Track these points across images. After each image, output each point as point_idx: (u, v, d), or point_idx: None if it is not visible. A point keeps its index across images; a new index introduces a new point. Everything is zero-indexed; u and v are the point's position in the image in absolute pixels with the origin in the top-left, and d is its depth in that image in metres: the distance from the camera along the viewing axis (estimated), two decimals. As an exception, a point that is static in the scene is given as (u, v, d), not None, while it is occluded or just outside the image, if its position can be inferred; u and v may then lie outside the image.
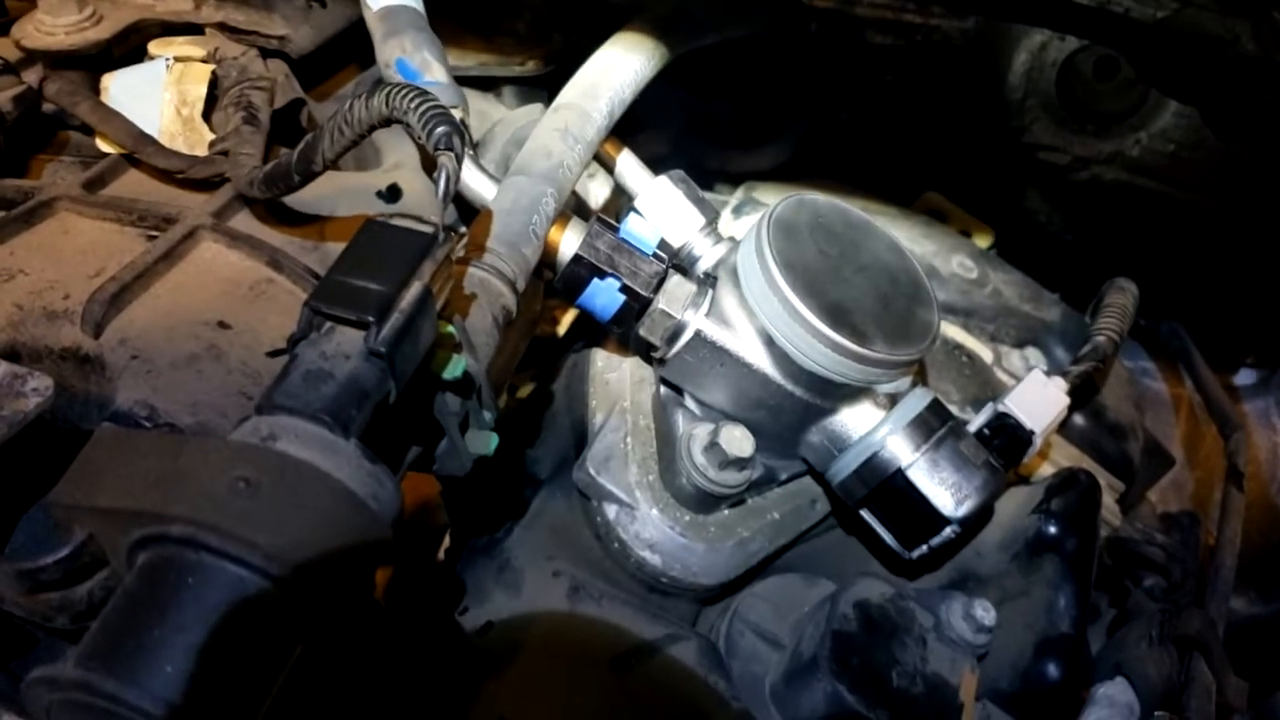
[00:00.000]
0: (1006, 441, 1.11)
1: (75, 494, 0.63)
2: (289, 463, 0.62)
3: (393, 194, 1.19)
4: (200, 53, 1.20)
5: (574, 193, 1.19)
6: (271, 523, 0.58)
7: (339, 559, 0.60)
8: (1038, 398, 1.14)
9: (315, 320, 0.69)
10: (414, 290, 0.70)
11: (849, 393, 1.02)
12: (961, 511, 0.98)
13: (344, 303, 0.68)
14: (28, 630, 0.78)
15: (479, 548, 1.08)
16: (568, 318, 1.52)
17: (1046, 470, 1.25)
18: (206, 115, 1.18)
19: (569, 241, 1.02)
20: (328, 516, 0.61)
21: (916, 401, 1.02)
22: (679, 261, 1.12)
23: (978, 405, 1.24)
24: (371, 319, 0.67)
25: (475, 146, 1.24)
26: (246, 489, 0.59)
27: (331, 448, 0.64)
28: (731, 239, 1.13)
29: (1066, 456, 1.31)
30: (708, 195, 1.21)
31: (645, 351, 1.13)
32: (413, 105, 0.82)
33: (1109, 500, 1.33)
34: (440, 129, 0.79)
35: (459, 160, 0.79)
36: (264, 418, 0.65)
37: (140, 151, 1.11)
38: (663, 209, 1.12)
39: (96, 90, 1.17)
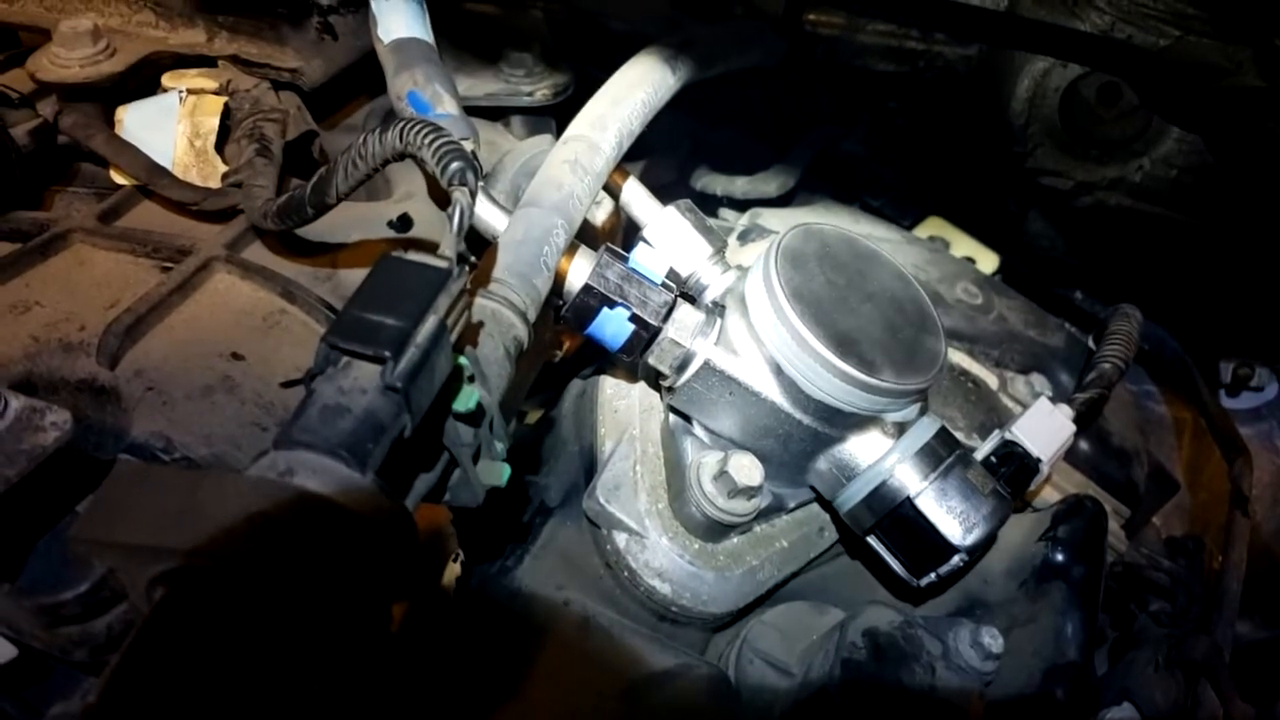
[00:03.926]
0: (1014, 469, 1.12)
1: (95, 529, 0.63)
2: (307, 498, 0.62)
3: (403, 224, 1.20)
4: (213, 85, 1.21)
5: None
6: (290, 559, 0.59)
7: (357, 595, 0.61)
8: (1044, 426, 1.15)
9: (332, 355, 0.70)
10: (429, 325, 0.71)
11: (857, 421, 1.02)
12: (970, 540, 0.99)
13: (360, 338, 0.69)
14: (46, 661, 0.78)
15: (489, 576, 1.08)
16: (575, 344, 1.53)
17: (1052, 496, 1.26)
18: (219, 147, 1.19)
19: (578, 271, 1.03)
20: (345, 553, 0.61)
21: (924, 430, 1.03)
22: (687, 290, 1.13)
23: (983, 431, 1.25)
24: (388, 354, 0.67)
25: (485, 177, 1.25)
26: (265, 525, 0.60)
27: (348, 483, 0.64)
28: (739, 268, 1.14)
29: (1072, 482, 1.32)
30: (713, 221, 1.22)
31: (654, 380, 1.14)
32: (427, 141, 0.83)
33: (1114, 525, 1.34)
34: (455, 165, 0.80)
35: (473, 195, 0.80)
36: (281, 453, 0.66)
37: (154, 183, 1.12)
38: (671, 238, 1.13)
39: (111, 122, 1.18)
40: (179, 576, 0.60)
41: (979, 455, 1.13)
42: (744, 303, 1.03)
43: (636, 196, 1.22)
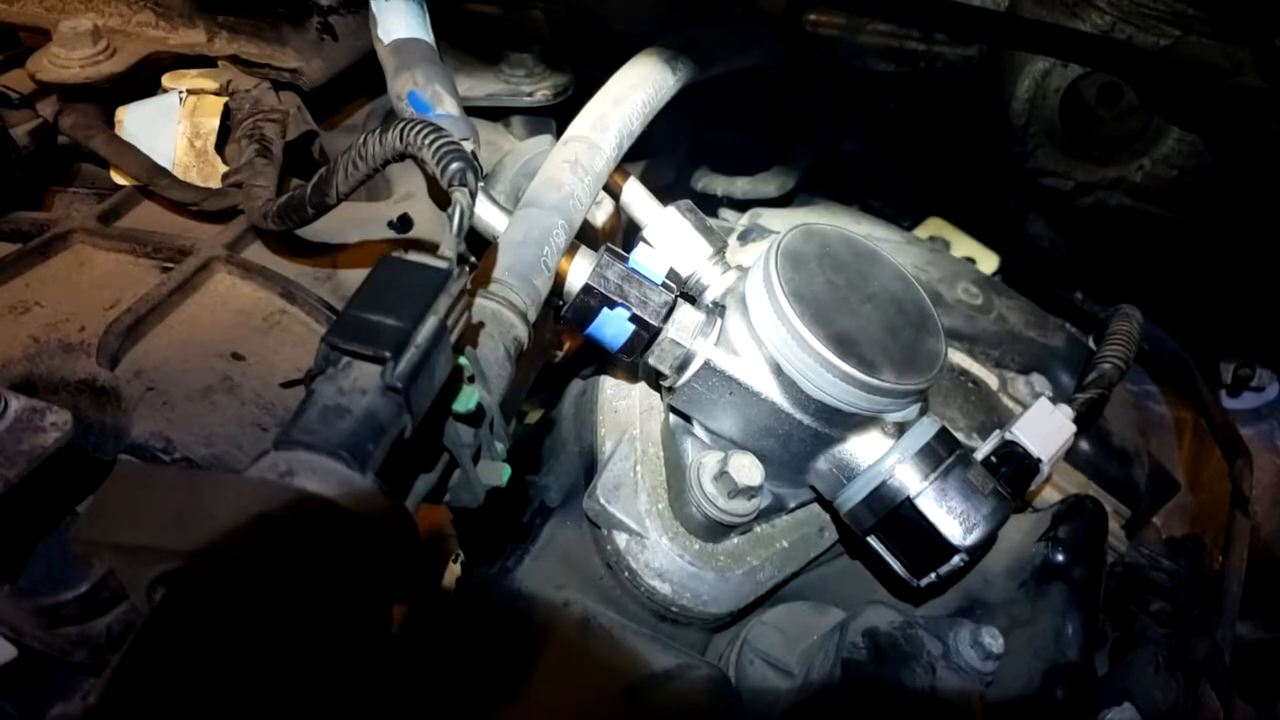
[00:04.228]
0: (1014, 470, 1.12)
1: (96, 530, 0.63)
2: (307, 499, 0.62)
3: (404, 224, 1.20)
4: (213, 85, 1.21)
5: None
6: (290, 560, 0.59)
7: (357, 596, 0.61)
8: (1045, 426, 1.15)
9: (332, 356, 0.70)
10: (429, 325, 0.71)
11: (857, 421, 1.02)
12: (970, 540, 0.99)
13: (361, 338, 0.69)
14: (46, 662, 0.78)
15: (489, 576, 1.08)
16: (576, 343, 1.53)
17: (1052, 496, 1.26)
18: (219, 147, 1.19)
19: (579, 271, 1.03)
20: (346, 554, 0.61)
21: (925, 430, 1.03)
22: (687, 291, 1.13)
23: (984, 431, 1.25)
24: (388, 355, 0.67)
25: (485, 178, 1.25)
26: (266, 526, 0.60)
27: (349, 484, 0.64)
28: (739, 268, 1.14)
29: (1072, 483, 1.32)
30: (713, 222, 1.22)
31: (654, 380, 1.14)
32: (427, 141, 0.83)
33: (1114, 526, 1.34)
34: (454, 165, 0.80)
35: (473, 196, 0.80)
36: (282, 453, 0.66)
37: (154, 184, 1.12)
38: (671, 239, 1.13)
39: (111, 123, 1.18)
40: (180, 577, 0.60)
41: (979, 455, 1.13)
42: (744, 303, 1.03)
43: (637, 197, 1.22)
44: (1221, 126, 1.37)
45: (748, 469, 1.02)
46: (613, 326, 1.02)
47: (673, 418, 1.12)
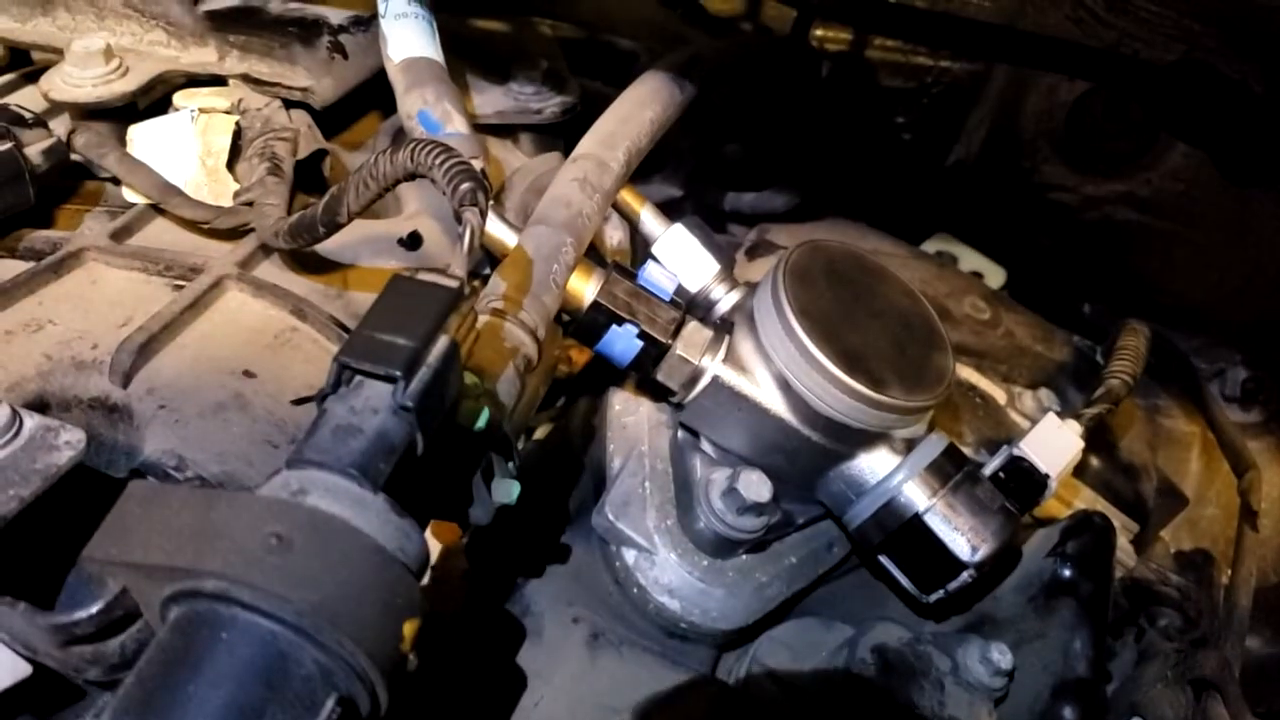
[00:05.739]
0: (1022, 485, 1.11)
1: (109, 549, 0.64)
2: (320, 518, 0.63)
3: (413, 241, 1.20)
4: (224, 104, 1.22)
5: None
6: (303, 578, 0.59)
7: (369, 613, 0.61)
8: (1052, 441, 1.14)
9: (344, 375, 0.71)
10: (440, 345, 0.71)
11: (866, 438, 1.03)
12: (978, 556, 0.99)
13: (372, 358, 0.69)
14: (62, 681, 0.79)
15: (499, 593, 1.09)
16: (584, 358, 1.53)
17: (1061, 512, 1.26)
18: (231, 165, 1.20)
19: (587, 288, 1.03)
20: (358, 571, 0.62)
21: (932, 447, 1.03)
22: (695, 307, 1.13)
23: (991, 446, 1.25)
24: (399, 374, 0.68)
25: (494, 195, 1.25)
26: (279, 544, 0.60)
27: (360, 502, 0.65)
28: (747, 284, 1.14)
29: (1080, 498, 1.32)
30: (721, 237, 1.22)
31: (663, 396, 1.15)
32: (437, 161, 0.84)
33: (1123, 541, 1.34)
34: (465, 185, 0.81)
35: (483, 215, 0.81)
36: (294, 472, 0.66)
37: (166, 202, 1.12)
38: (679, 255, 1.14)
39: (123, 141, 1.19)
40: (193, 596, 0.60)
41: (987, 471, 1.13)
42: (752, 319, 1.04)
43: (644, 214, 1.23)
44: (1227, 140, 1.38)
45: (756, 485, 1.02)
46: (621, 343, 1.02)
47: (681, 433, 1.12)
